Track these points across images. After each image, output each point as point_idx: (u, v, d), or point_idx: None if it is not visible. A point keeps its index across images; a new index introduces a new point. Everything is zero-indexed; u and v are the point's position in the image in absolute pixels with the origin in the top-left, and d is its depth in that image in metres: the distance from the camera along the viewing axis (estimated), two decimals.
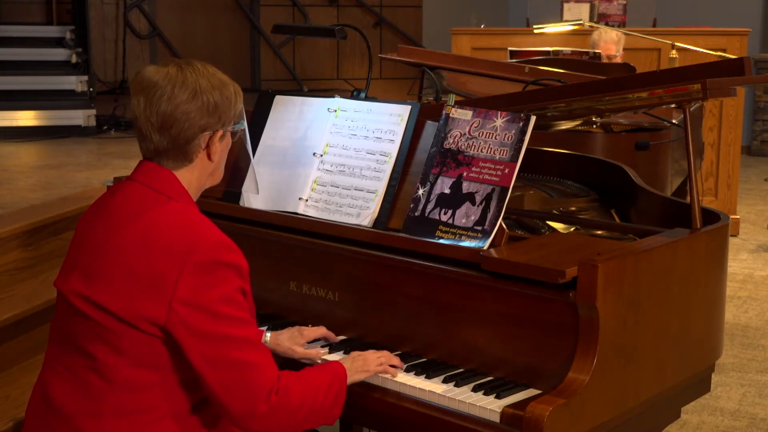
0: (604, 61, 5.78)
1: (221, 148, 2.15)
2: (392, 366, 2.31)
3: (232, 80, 2.16)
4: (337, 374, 2.18)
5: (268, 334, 2.45)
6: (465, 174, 2.42)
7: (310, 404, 2.08)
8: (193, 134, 2.07)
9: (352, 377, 2.23)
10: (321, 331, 2.47)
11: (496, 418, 2.11)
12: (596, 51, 5.74)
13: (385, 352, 2.34)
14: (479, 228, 2.35)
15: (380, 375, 2.28)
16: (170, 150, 2.08)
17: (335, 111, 2.72)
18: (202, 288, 1.97)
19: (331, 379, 2.16)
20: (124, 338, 1.99)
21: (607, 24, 7.40)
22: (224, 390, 1.99)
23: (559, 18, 7.57)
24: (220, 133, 2.11)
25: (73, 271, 2.08)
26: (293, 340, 2.43)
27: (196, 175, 2.14)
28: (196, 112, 2.06)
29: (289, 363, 2.39)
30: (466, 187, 2.41)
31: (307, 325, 2.55)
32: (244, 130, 2.22)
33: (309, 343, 2.45)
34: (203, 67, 2.11)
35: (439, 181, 2.45)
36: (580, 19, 6.94)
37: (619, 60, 5.90)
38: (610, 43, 5.97)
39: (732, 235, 6.48)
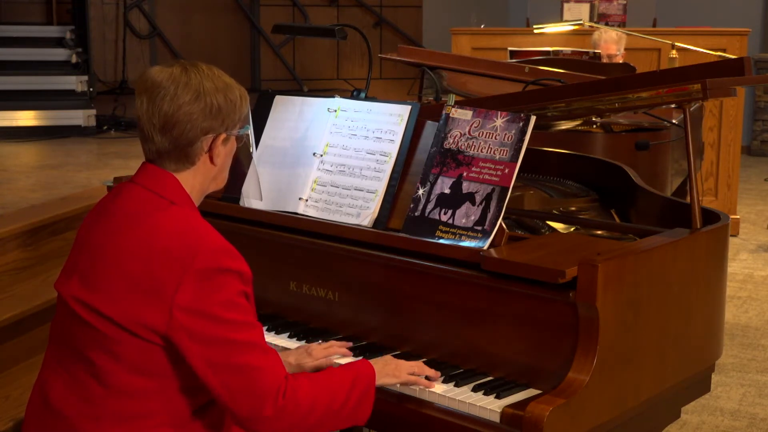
0: (605, 60, 5.78)
1: (225, 152, 2.12)
2: (427, 378, 2.26)
3: (239, 84, 2.13)
4: (362, 374, 2.14)
5: None
6: (465, 174, 2.42)
7: (326, 406, 2.05)
8: (195, 136, 2.05)
9: (381, 380, 2.19)
10: (330, 350, 2.38)
11: (496, 418, 2.11)
12: (596, 51, 5.74)
13: (420, 363, 2.28)
14: (479, 228, 2.35)
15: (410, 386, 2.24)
16: (172, 152, 2.06)
17: (335, 111, 2.72)
18: (202, 294, 1.95)
19: (355, 379, 2.12)
20: (122, 345, 1.98)
21: (607, 24, 7.40)
22: (229, 394, 1.97)
23: (559, 18, 7.57)
24: (223, 136, 2.09)
25: (74, 275, 2.07)
26: (300, 359, 2.36)
27: (199, 179, 2.11)
28: (199, 113, 2.03)
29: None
30: (466, 187, 2.41)
31: (308, 325, 2.56)
32: (249, 135, 2.20)
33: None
34: (208, 69, 2.08)
35: (439, 181, 2.45)
36: (580, 19, 6.94)
37: (620, 59, 5.90)
38: (611, 42, 5.97)
39: (732, 235, 6.48)
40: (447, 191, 2.43)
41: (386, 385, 2.22)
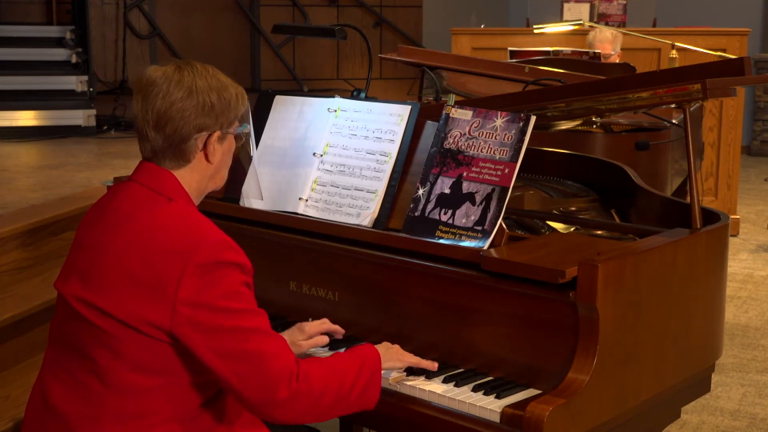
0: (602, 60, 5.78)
1: (222, 151, 2.12)
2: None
3: (235, 84, 2.13)
4: (369, 357, 2.15)
5: None
6: (465, 174, 2.42)
7: (337, 389, 2.05)
8: (188, 133, 2.06)
9: (386, 363, 2.20)
10: (324, 326, 2.43)
11: (496, 418, 2.11)
12: (596, 51, 5.74)
13: (417, 357, 2.31)
14: (479, 228, 2.35)
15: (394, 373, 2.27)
16: (167, 149, 2.07)
17: (335, 111, 2.72)
18: (204, 288, 1.95)
19: (362, 362, 2.12)
20: (124, 342, 1.98)
21: (607, 24, 7.40)
22: (241, 382, 1.97)
23: (559, 18, 7.57)
24: (217, 134, 2.09)
25: (73, 274, 2.07)
26: (293, 337, 2.40)
27: (196, 177, 2.11)
28: (191, 110, 2.05)
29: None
30: (466, 187, 2.41)
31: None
32: (248, 133, 2.20)
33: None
34: (203, 68, 2.09)
35: (439, 181, 2.45)
36: (580, 19, 6.94)
37: (615, 59, 5.91)
38: (605, 42, 6.00)
39: (732, 235, 6.48)
40: (447, 191, 2.43)
41: (390, 368, 2.24)
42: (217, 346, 1.96)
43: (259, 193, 2.71)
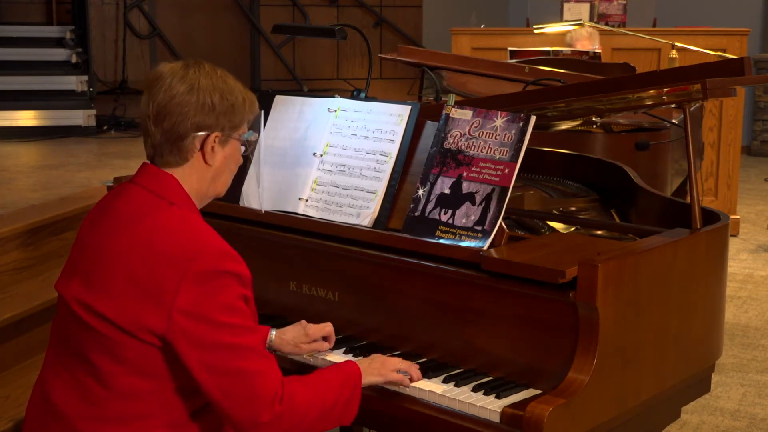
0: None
1: (223, 154, 2.11)
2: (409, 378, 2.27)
3: (246, 90, 2.12)
4: (350, 375, 2.15)
5: (273, 332, 2.42)
6: (465, 174, 2.42)
7: (319, 408, 2.05)
8: (185, 130, 2.05)
9: (367, 378, 2.19)
10: (327, 328, 2.43)
11: (496, 418, 2.11)
12: (596, 51, 5.74)
13: (407, 362, 2.29)
14: (479, 228, 2.35)
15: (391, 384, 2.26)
16: (164, 144, 2.06)
17: (335, 111, 2.72)
18: (202, 297, 1.94)
19: (344, 380, 2.12)
20: (123, 347, 1.98)
21: (607, 24, 7.41)
22: (226, 399, 1.96)
23: (559, 18, 7.57)
24: (217, 135, 2.08)
25: (75, 277, 2.06)
26: (298, 339, 2.41)
27: (195, 178, 2.10)
28: (191, 107, 2.04)
29: (300, 369, 2.38)
30: (466, 187, 2.41)
31: None
32: (255, 141, 2.19)
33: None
34: (211, 69, 2.09)
35: (439, 181, 2.45)
36: (580, 19, 6.94)
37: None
38: (582, 39, 6.04)
39: (732, 235, 6.48)
40: (447, 191, 2.43)
41: (372, 383, 2.22)
42: (208, 361, 1.95)
43: (258, 201, 2.69)
